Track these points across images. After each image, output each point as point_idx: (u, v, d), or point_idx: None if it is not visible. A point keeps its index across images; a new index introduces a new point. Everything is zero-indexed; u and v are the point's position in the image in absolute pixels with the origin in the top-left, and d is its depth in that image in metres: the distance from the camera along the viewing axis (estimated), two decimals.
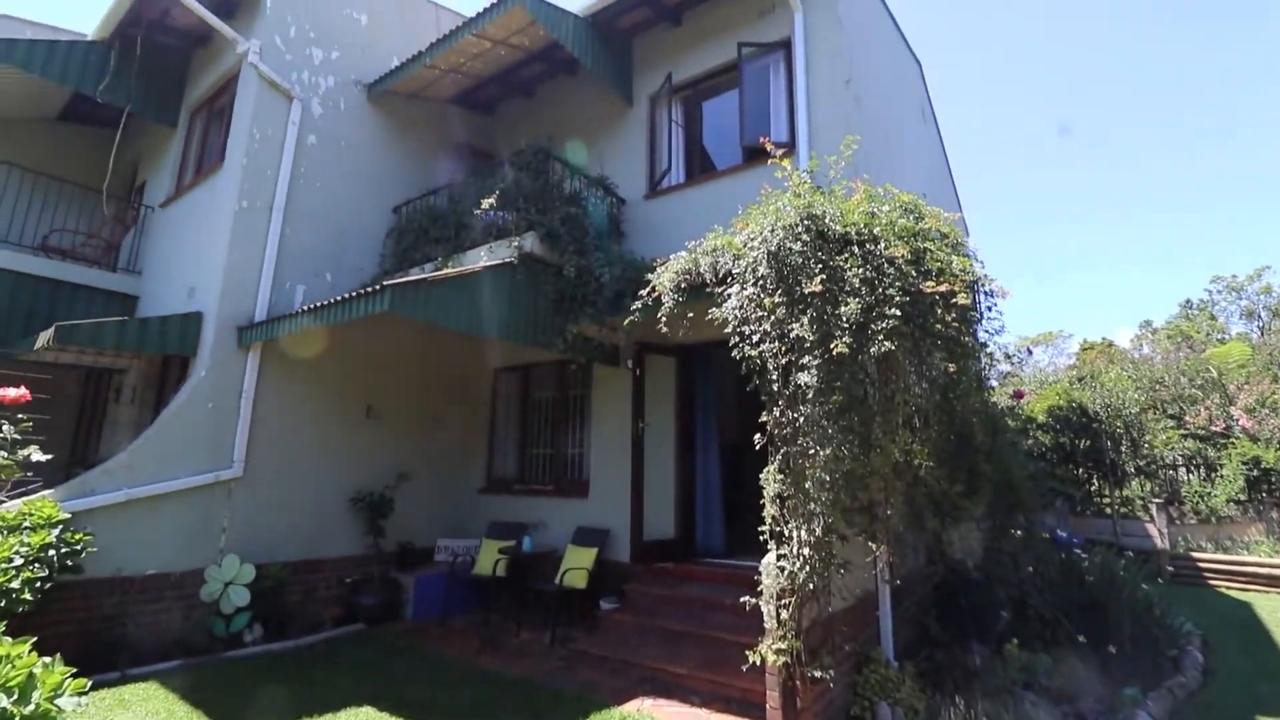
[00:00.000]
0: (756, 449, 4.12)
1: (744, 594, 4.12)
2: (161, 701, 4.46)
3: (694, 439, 7.09)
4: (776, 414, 3.98)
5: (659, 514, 6.80)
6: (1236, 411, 11.68)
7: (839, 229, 4.14)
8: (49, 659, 2.10)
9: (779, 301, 3.95)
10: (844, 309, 3.77)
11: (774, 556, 3.95)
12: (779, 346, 3.92)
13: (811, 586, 3.73)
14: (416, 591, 6.89)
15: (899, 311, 3.73)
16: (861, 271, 3.90)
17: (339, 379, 7.20)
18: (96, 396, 8.62)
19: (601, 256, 6.22)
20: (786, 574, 3.81)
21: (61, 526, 4.81)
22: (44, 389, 5.51)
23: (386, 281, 5.15)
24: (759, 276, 4.11)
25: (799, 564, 3.76)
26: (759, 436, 4.07)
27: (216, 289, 6.46)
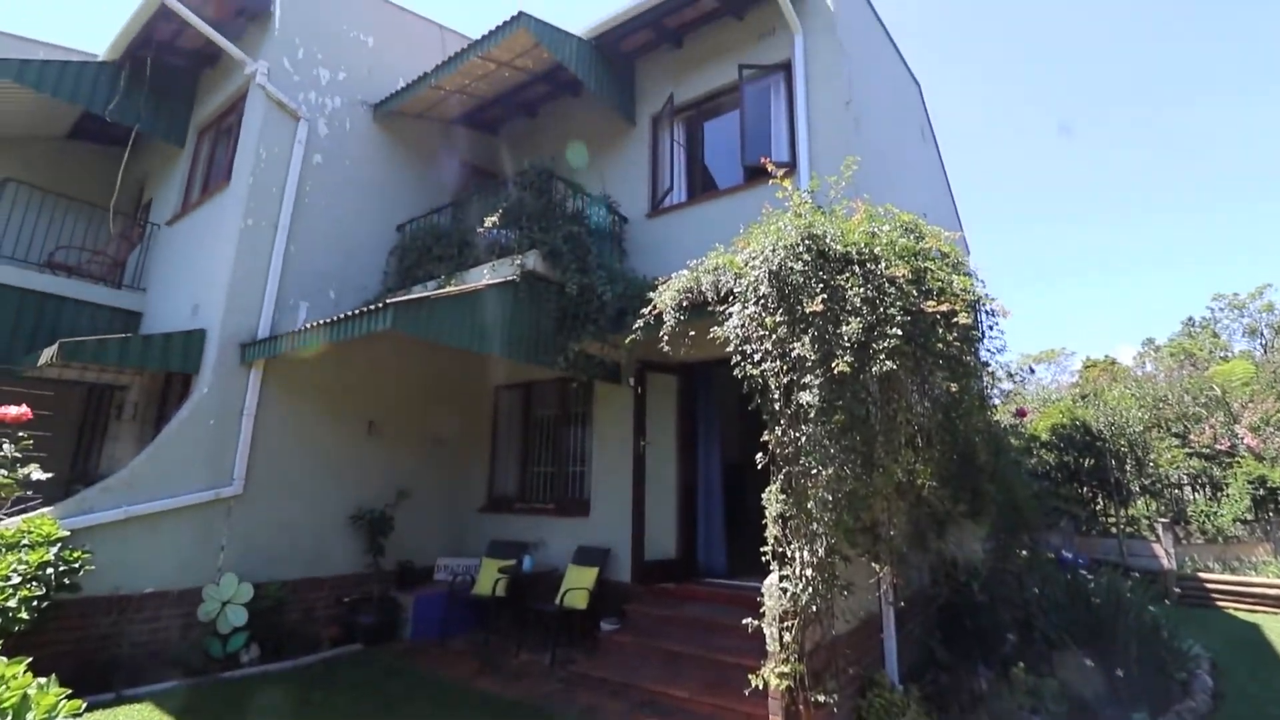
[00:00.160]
0: (758, 468, 4.10)
1: (746, 615, 4.07)
2: None
3: (695, 457, 7.06)
4: (778, 433, 3.97)
5: (660, 533, 6.75)
6: (1241, 430, 11.62)
7: (840, 248, 4.16)
8: (44, 680, 2.08)
9: (780, 320, 3.96)
10: (845, 328, 3.77)
11: (776, 577, 3.92)
12: (780, 365, 3.92)
13: (815, 608, 3.70)
14: (416, 611, 6.82)
15: (900, 331, 3.74)
16: (862, 291, 3.91)
17: (341, 396, 7.21)
18: (98, 413, 8.63)
19: (603, 274, 6.24)
20: (789, 595, 3.78)
21: (60, 544, 4.79)
22: (46, 405, 5.52)
23: (389, 299, 5.18)
24: (760, 295, 4.12)
25: (801, 585, 3.73)
26: (761, 456, 4.06)
27: (220, 306, 6.49)
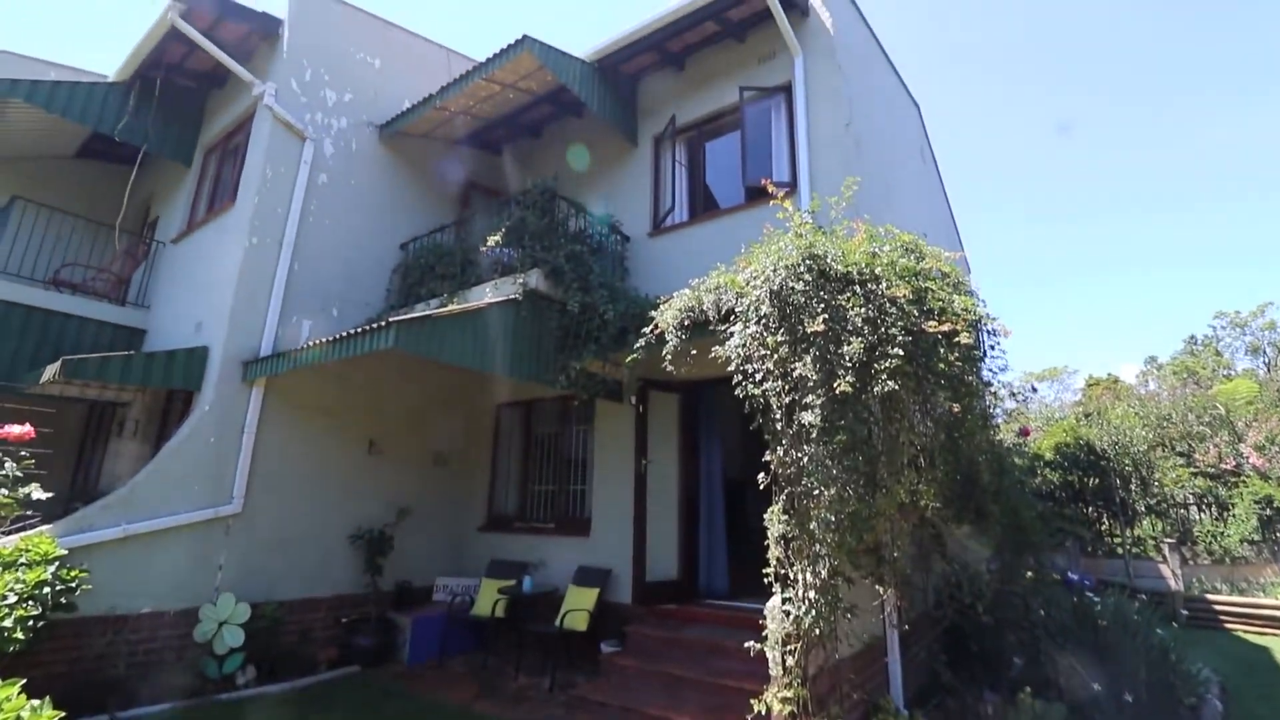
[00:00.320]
0: (760, 488, 4.08)
1: (748, 638, 4.03)
2: None
3: (697, 477, 7.02)
4: (780, 453, 3.95)
5: (662, 553, 6.69)
6: (1246, 449, 11.56)
7: (841, 268, 4.18)
8: (37, 702, 2.06)
9: (782, 340, 3.96)
10: (847, 348, 3.78)
11: (779, 600, 3.88)
12: (782, 385, 3.92)
13: (818, 632, 3.65)
14: (414, 633, 6.74)
15: (902, 351, 3.74)
16: (864, 311, 3.92)
17: (342, 413, 7.20)
18: (99, 429, 8.63)
19: (605, 293, 6.26)
20: (792, 618, 3.73)
21: (58, 563, 4.75)
22: (47, 422, 5.52)
23: (392, 317, 5.19)
24: (762, 315, 4.13)
25: (804, 608, 3.69)
26: (763, 475, 4.04)
27: (224, 324, 6.51)
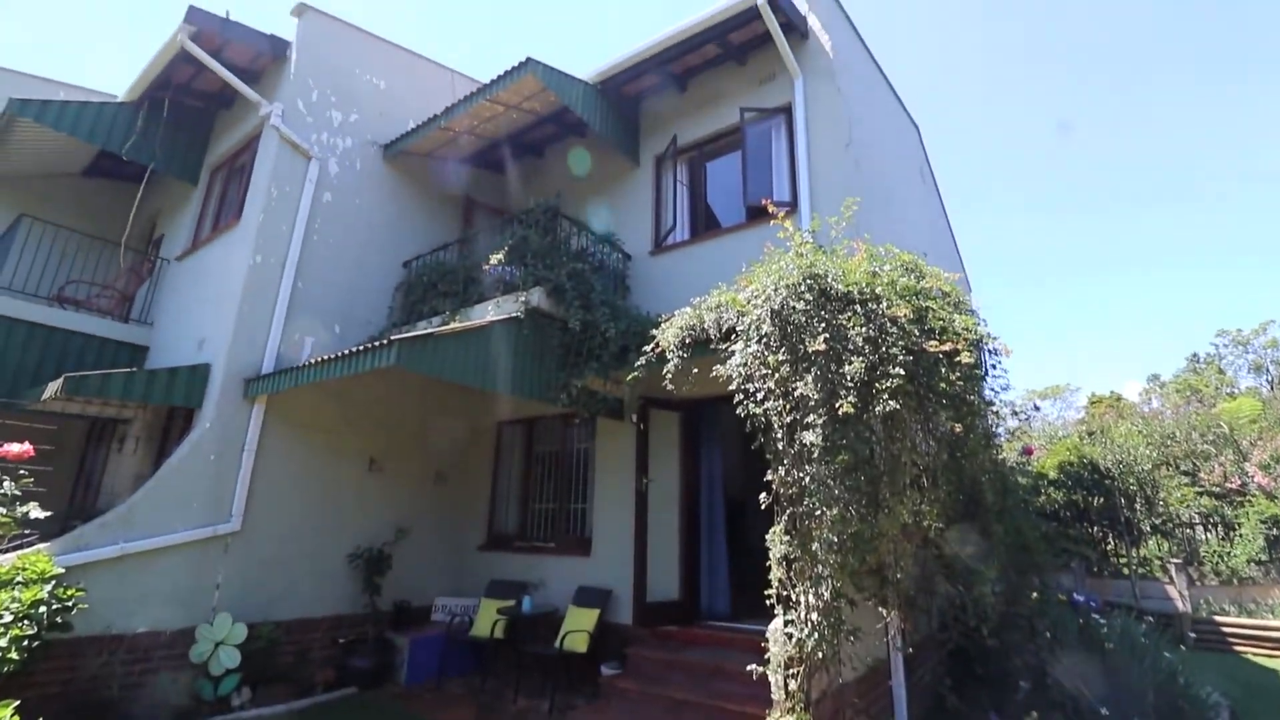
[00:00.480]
0: (762, 508, 4.05)
1: (750, 660, 3.98)
2: None
3: (698, 496, 6.99)
4: (782, 473, 3.93)
5: (663, 574, 6.63)
6: (1251, 468, 11.47)
7: (841, 288, 4.19)
8: None
9: (783, 359, 3.96)
10: (848, 368, 3.77)
11: (781, 622, 3.84)
12: (783, 404, 3.91)
13: (821, 655, 3.61)
14: (412, 654, 6.66)
15: (903, 370, 3.73)
16: (864, 330, 3.92)
17: (343, 431, 7.18)
18: (99, 446, 8.61)
19: (607, 311, 6.28)
20: (794, 641, 3.69)
21: (54, 582, 4.71)
22: (48, 439, 5.51)
23: (394, 335, 5.20)
24: (763, 334, 4.13)
25: (807, 630, 3.65)
26: (765, 495, 4.01)
27: (226, 341, 6.53)
